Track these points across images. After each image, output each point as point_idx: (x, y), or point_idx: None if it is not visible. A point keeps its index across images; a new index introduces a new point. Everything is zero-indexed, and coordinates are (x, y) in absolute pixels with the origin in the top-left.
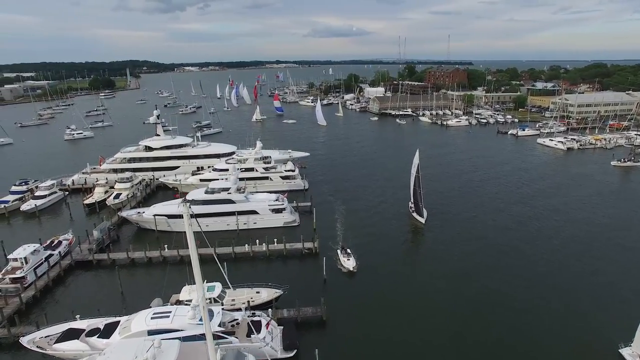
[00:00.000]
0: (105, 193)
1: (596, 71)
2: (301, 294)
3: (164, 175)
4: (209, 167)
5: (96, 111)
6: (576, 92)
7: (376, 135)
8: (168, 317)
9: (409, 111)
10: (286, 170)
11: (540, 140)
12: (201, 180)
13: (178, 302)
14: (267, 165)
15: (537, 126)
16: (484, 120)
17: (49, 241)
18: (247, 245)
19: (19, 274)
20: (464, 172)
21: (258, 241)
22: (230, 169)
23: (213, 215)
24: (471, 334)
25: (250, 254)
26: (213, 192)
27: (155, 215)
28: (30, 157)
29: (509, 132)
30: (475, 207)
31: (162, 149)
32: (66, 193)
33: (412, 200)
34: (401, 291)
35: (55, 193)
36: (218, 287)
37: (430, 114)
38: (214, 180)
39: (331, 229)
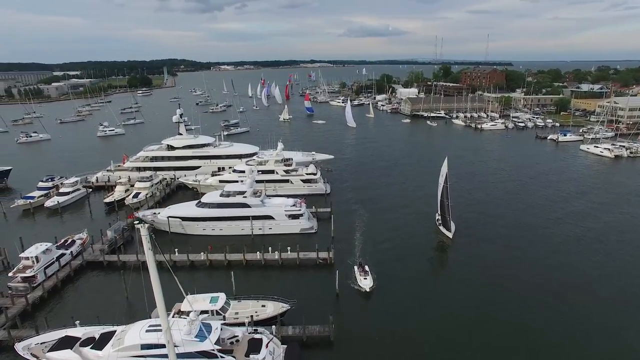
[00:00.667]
0: (125, 192)
1: None
2: (310, 310)
3: (184, 175)
4: (230, 167)
5: (130, 108)
6: (628, 95)
7: (407, 139)
8: None
9: (441, 113)
10: (307, 174)
11: (583, 147)
12: (220, 182)
13: (179, 312)
14: (288, 167)
15: (580, 131)
16: (522, 124)
17: (62, 240)
18: (258, 252)
19: (29, 273)
20: (498, 182)
21: (271, 249)
22: (246, 172)
23: (227, 219)
24: None
25: (262, 262)
26: (228, 195)
27: (169, 217)
28: (64, 152)
29: (548, 137)
30: (510, 223)
31: (184, 148)
32: (89, 190)
33: (439, 213)
34: (419, 320)
35: (78, 190)
36: (222, 298)
37: (465, 116)
38: (232, 182)
39: (350, 238)
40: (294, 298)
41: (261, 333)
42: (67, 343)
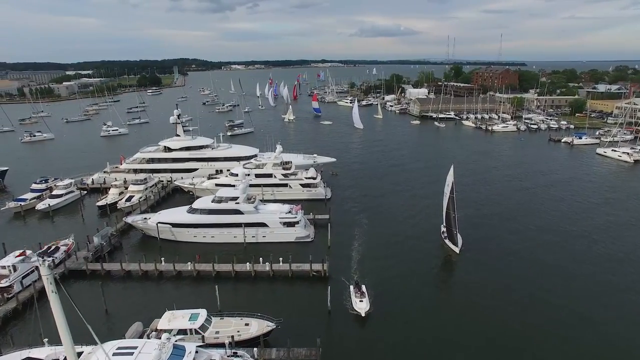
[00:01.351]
0: (119, 195)
1: None
2: (297, 329)
3: (181, 178)
4: (228, 170)
5: (136, 108)
6: None
7: (416, 141)
8: (132, 354)
9: (451, 114)
10: (307, 178)
11: (600, 151)
12: (217, 185)
13: (157, 330)
14: (286, 171)
15: (597, 134)
16: (535, 126)
17: (46, 246)
18: (248, 263)
19: (4, 283)
20: (510, 190)
21: (262, 259)
22: (240, 176)
23: (219, 226)
24: None
25: (252, 274)
26: (220, 200)
27: (158, 223)
28: (66, 152)
29: (562, 140)
30: (524, 238)
31: (181, 150)
32: (84, 192)
33: (445, 225)
34: (418, 351)
35: (72, 192)
36: (202, 315)
37: (475, 117)
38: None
39: (348, 250)
40: (282, 314)
41: (241, 357)
42: None
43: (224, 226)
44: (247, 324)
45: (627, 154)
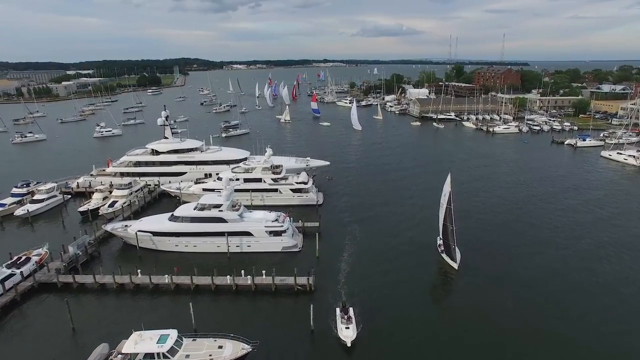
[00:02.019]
0: (103, 199)
1: None
2: (276, 352)
3: (169, 182)
4: (217, 174)
5: (133, 108)
6: None
7: (415, 143)
8: None
9: (451, 115)
10: (298, 182)
11: (605, 153)
12: (204, 190)
13: (122, 354)
14: (276, 175)
15: (601, 135)
16: (537, 127)
17: (16, 257)
18: (229, 276)
19: None
20: (513, 198)
21: (244, 272)
22: (224, 182)
23: (202, 235)
24: None
25: (233, 288)
26: (203, 208)
27: (137, 232)
28: (56, 154)
29: (565, 142)
30: (529, 252)
31: (168, 153)
32: (68, 197)
33: (441, 237)
34: None
35: (54, 197)
36: (172, 336)
37: (476, 118)
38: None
39: (337, 261)
40: (261, 334)
41: None
42: None
43: (206, 235)
44: (220, 347)
45: (634, 157)
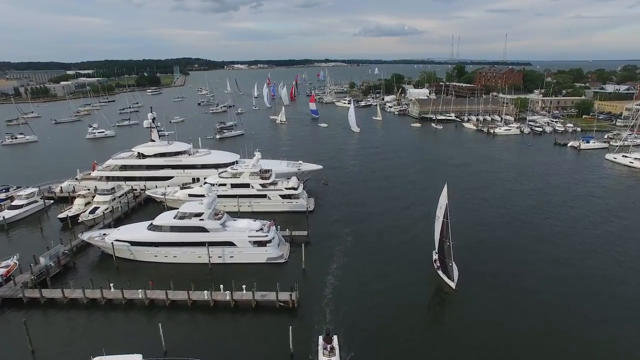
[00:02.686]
0: (86, 205)
1: None
2: None
3: (156, 186)
4: (204, 179)
5: (129, 109)
6: None
7: (414, 146)
8: None
9: (452, 116)
10: (287, 188)
11: (609, 156)
12: (190, 195)
13: None
14: (265, 181)
15: (605, 137)
16: (539, 129)
17: None
18: (206, 291)
19: None
20: (514, 207)
21: (222, 286)
22: (205, 189)
23: (182, 245)
24: None
25: (211, 304)
26: (183, 217)
27: (114, 242)
28: (47, 156)
29: (568, 144)
30: (533, 269)
31: (155, 156)
32: (50, 202)
33: (437, 252)
34: None
35: (35, 202)
36: None
37: (477, 119)
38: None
39: (325, 273)
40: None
41: None
42: None
43: (187, 245)
44: None
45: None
